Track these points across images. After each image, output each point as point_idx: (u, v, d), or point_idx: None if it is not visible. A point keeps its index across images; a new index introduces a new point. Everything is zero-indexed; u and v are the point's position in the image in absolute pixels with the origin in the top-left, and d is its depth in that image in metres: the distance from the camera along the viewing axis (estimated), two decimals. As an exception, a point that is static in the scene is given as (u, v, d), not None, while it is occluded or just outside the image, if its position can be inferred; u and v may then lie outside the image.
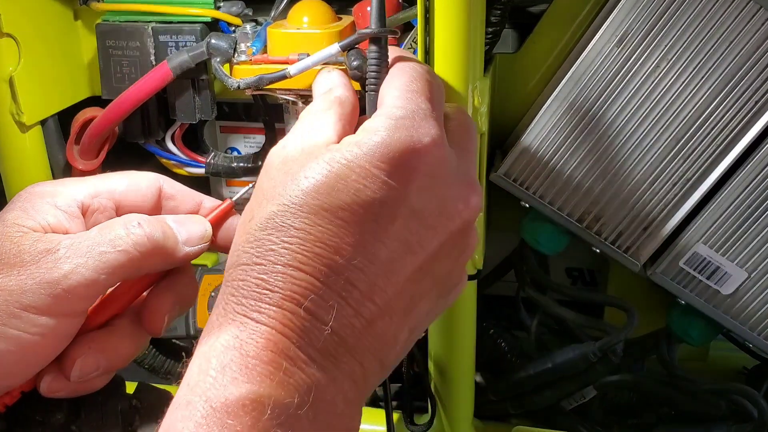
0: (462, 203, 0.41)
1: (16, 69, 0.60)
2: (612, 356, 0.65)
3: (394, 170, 0.37)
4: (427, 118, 0.39)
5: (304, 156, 0.39)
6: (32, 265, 0.40)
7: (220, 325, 0.36)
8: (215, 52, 0.60)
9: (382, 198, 0.37)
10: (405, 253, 0.38)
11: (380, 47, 0.43)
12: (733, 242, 0.60)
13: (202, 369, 0.35)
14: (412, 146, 0.38)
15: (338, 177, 0.37)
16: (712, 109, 0.58)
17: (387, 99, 0.41)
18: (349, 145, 0.38)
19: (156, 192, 0.48)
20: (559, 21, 0.64)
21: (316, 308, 0.36)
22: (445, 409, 0.67)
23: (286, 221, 0.36)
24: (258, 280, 0.36)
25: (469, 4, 0.48)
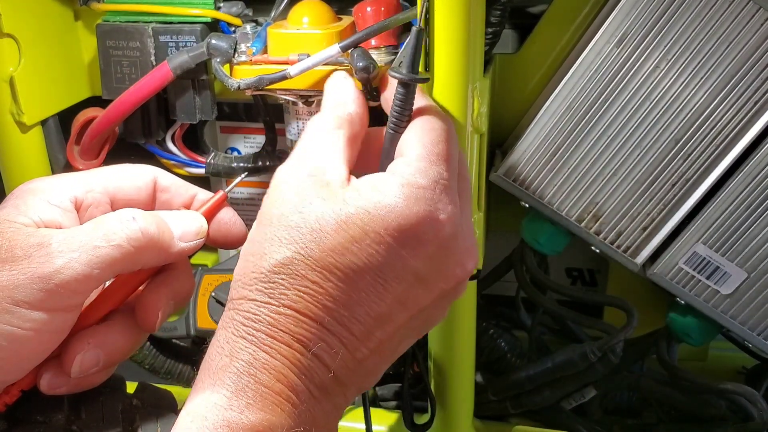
0: (460, 269, 0.43)
1: (17, 69, 0.60)
2: (612, 356, 0.65)
3: (407, 242, 0.40)
4: (446, 191, 0.41)
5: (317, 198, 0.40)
6: (24, 260, 0.40)
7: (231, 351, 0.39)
8: (215, 52, 0.60)
9: (392, 265, 0.40)
10: (401, 309, 0.41)
11: (408, 92, 0.43)
12: (732, 242, 0.60)
13: (216, 385, 0.38)
14: (429, 221, 0.40)
15: (353, 239, 0.39)
16: (711, 109, 0.58)
17: (409, 154, 0.42)
18: (365, 202, 0.39)
19: (150, 185, 0.48)
20: (558, 21, 0.64)
21: (322, 353, 0.39)
22: (445, 409, 0.67)
23: (301, 271, 0.39)
24: (271, 319, 0.39)
25: (469, 5, 0.48)
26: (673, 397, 0.71)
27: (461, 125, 0.51)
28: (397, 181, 0.40)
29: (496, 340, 0.74)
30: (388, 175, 0.41)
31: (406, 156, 0.42)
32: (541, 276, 0.70)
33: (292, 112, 0.62)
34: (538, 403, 0.71)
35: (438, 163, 0.41)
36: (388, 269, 0.40)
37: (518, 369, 0.71)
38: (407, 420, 0.67)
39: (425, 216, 0.40)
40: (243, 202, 0.75)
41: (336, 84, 0.47)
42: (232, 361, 0.38)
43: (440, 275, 0.42)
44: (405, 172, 0.41)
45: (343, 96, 0.46)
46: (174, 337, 0.71)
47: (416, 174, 0.40)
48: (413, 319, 0.42)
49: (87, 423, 0.45)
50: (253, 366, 0.38)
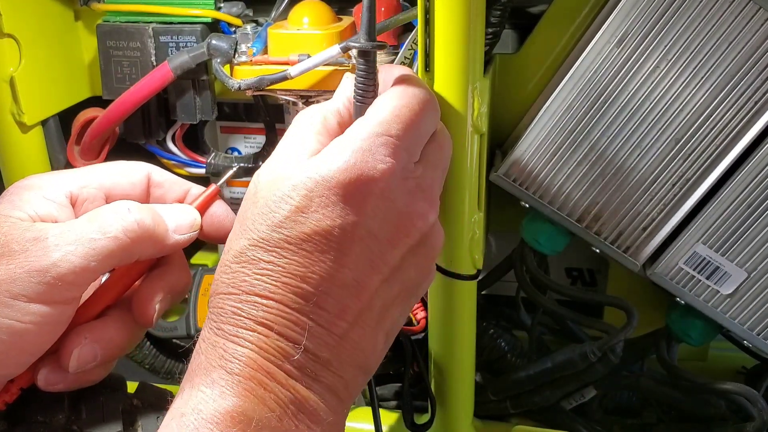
0: (420, 219, 0.43)
1: (17, 69, 0.61)
2: (612, 356, 0.65)
3: (351, 199, 0.39)
4: (386, 145, 0.41)
5: (271, 186, 0.41)
6: (21, 254, 0.40)
7: (206, 348, 0.39)
8: (216, 52, 0.60)
9: (341, 225, 0.39)
10: (369, 272, 0.41)
11: (368, 60, 0.43)
12: (732, 242, 0.60)
13: (194, 384, 0.38)
14: (366, 172, 0.40)
15: (299, 209, 0.39)
16: (711, 110, 0.58)
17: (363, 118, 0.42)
18: (309, 171, 0.40)
19: (145, 180, 0.49)
20: (558, 21, 0.64)
21: (287, 330, 0.39)
22: (445, 409, 0.67)
23: (256, 255, 0.39)
24: (234, 308, 0.39)
25: (469, 5, 0.48)
26: (673, 397, 0.71)
27: (461, 125, 0.51)
28: (339, 143, 0.40)
29: (496, 340, 0.74)
30: (337, 138, 0.41)
31: (357, 123, 0.42)
32: (541, 276, 0.70)
33: (293, 113, 0.62)
34: (538, 403, 0.71)
35: (389, 122, 0.41)
36: (339, 231, 0.39)
37: (518, 369, 0.71)
38: (407, 420, 0.67)
39: (362, 166, 0.39)
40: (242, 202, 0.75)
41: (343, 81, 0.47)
42: (206, 358, 0.39)
43: (397, 228, 0.41)
44: (349, 133, 0.41)
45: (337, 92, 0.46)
46: (174, 337, 0.71)
47: (358, 132, 0.41)
48: (389, 281, 0.42)
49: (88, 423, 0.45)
50: (223, 358, 0.38)
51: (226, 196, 0.76)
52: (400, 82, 0.44)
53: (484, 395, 0.72)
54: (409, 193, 0.42)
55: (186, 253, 0.50)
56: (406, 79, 0.44)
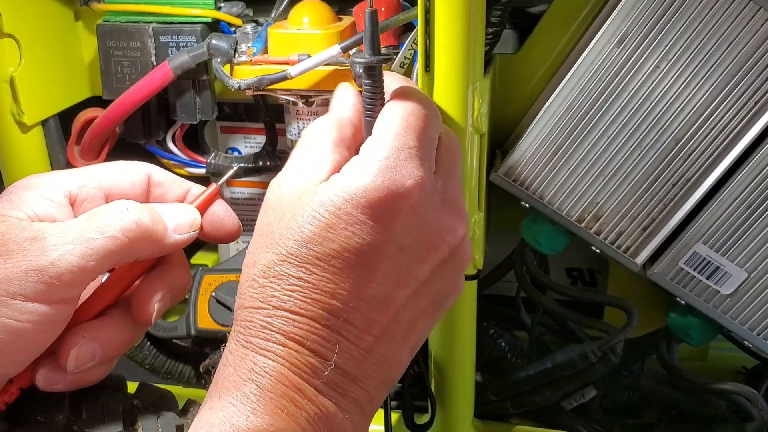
0: (449, 234, 0.43)
1: (17, 69, 0.60)
2: (612, 356, 0.65)
3: (379, 214, 0.40)
4: (411, 158, 0.41)
5: (296, 199, 0.41)
6: (18, 254, 0.40)
7: (234, 361, 0.39)
8: (216, 52, 0.60)
9: (371, 242, 0.39)
10: (397, 287, 0.41)
11: (374, 74, 0.43)
12: (733, 242, 0.60)
13: (222, 395, 0.38)
14: (395, 190, 0.40)
15: (328, 226, 0.39)
16: (712, 110, 0.58)
17: (377, 134, 0.42)
18: (335, 188, 0.40)
19: (145, 180, 0.48)
20: (559, 21, 0.64)
21: (318, 347, 0.39)
22: (445, 409, 0.67)
23: (285, 271, 0.39)
24: (263, 323, 0.39)
25: (469, 5, 0.48)
26: (673, 397, 0.71)
27: (461, 125, 0.51)
28: (362, 159, 0.40)
29: (496, 340, 0.74)
30: (356, 157, 0.41)
31: (373, 140, 0.42)
32: (541, 276, 0.70)
33: (293, 113, 0.62)
34: (538, 403, 0.71)
35: (404, 134, 0.41)
36: (369, 248, 0.39)
37: (518, 369, 0.71)
38: (407, 420, 0.67)
39: (390, 185, 0.40)
40: (243, 202, 0.75)
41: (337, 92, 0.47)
42: (235, 370, 0.39)
43: (426, 243, 0.42)
44: (369, 149, 0.41)
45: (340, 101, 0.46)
46: (174, 337, 0.71)
47: (379, 147, 0.41)
48: (417, 296, 0.42)
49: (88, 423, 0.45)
50: (254, 372, 0.38)
51: (227, 196, 0.76)
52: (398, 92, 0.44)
53: (484, 395, 0.72)
54: (436, 207, 0.42)
55: (186, 253, 0.50)
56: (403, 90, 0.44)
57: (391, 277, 0.40)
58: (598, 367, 0.66)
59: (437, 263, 0.42)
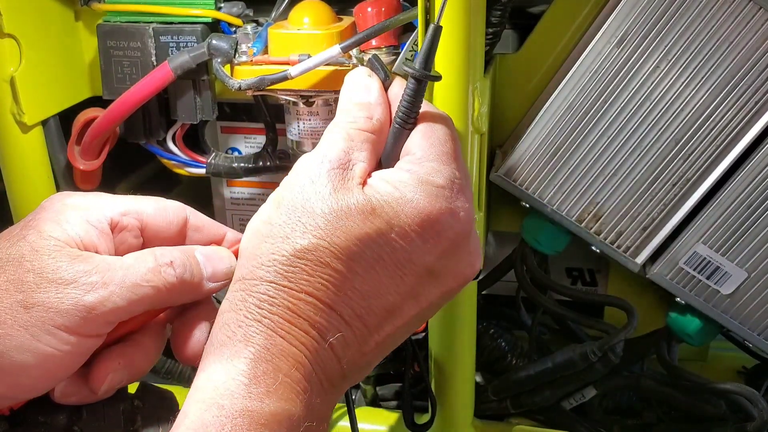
0: (470, 268, 0.44)
1: (18, 69, 0.60)
2: (612, 356, 0.65)
3: (429, 236, 0.41)
4: (462, 190, 0.42)
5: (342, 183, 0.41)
6: (69, 285, 0.41)
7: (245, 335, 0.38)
8: (216, 52, 0.60)
9: (412, 259, 0.41)
10: (413, 304, 0.42)
11: (419, 88, 0.43)
12: (733, 242, 0.60)
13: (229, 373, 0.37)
14: (449, 218, 0.41)
15: (380, 232, 0.40)
16: (712, 110, 0.58)
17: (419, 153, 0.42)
18: (390, 199, 0.40)
19: (182, 221, 0.48)
20: (559, 21, 0.64)
21: (338, 345, 0.39)
22: (445, 409, 0.67)
23: (326, 259, 0.39)
24: (290, 303, 0.39)
25: (469, 5, 0.48)
26: (673, 397, 0.71)
27: (462, 125, 0.51)
28: (414, 178, 0.41)
29: (496, 340, 0.74)
30: (403, 172, 0.42)
31: (415, 155, 0.42)
32: (541, 276, 0.70)
33: (293, 113, 0.62)
34: (538, 403, 0.71)
35: (449, 163, 0.42)
36: (408, 263, 0.40)
37: (518, 369, 0.71)
38: (407, 420, 0.67)
39: (447, 213, 0.41)
40: (243, 202, 0.75)
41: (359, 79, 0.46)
42: (246, 345, 0.38)
43: (451, 272, 0.43)
44: (420, 170, 0.41)
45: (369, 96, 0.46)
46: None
47: (432, 173, 0.41)
48: (420, 315, 0.43)
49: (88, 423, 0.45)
50: (270, 351, 0.38)
51: (226, 196, 0.76)
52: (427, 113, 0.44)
53: (485, 395, 0.73)
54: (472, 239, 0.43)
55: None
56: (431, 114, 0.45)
57: (412, 294, 0.41)
58: (598, 367, 0.66)
59: (448, 290, 0.44)
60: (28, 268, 0.41)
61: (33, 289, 0.40)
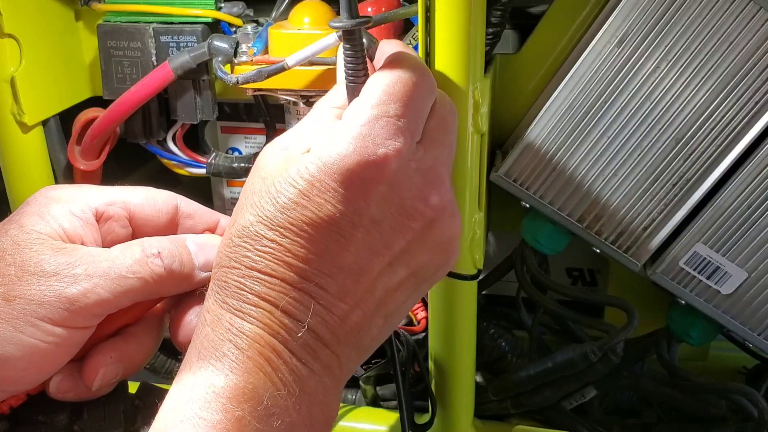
0: (422, 203, 0.42)
1: (18, 69, 0.61)
2: (612, 356, 0.65)
3: (352, 185, 0.40)
4: (388, 126, 0.40)
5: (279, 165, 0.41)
6: (52, 277, 0.41)
7: (212, 320, 0.40)
8: (216, 52, 0.60)
9: (342, 211, 0.40)
10: (371, 256, 0.41)
11: (353, 39, 0.42)
12: (733, 242, 0.60)
13: (201, 355, 0.39)
14: (368, 159, 0.40)
15: (302, 194, 0.39)
16: (712, 110, 0.58)
17: (358, 101, 0.42)
18: (312, 156, 0.40)
19: (171, 210, 0.48)
20: (559, 21, 0.64)
21: (291, 308, 0.39)
22: (445, 409, 0.67)
23: (260, 232, 0.40)
24: (237, 283, 0.39)
25: (469, 5, 0.48)
26: (673, 397, 0.71)
27: (462, 125, 0.51)
28: (339, 127, 0.40)
29: (496, 340, 0.74)
30: (335, 124, 0.41)
31: (353, 106, 0.42)
32: (541, 276, 0.70)
33: (293, 113, 0.62)
34: (538, 403, 0.71)
35: (386, 102, 0.41)
36: (341, 217, 0.40)
37: (518, 369, 0.71)
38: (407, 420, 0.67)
39: (364, 155, 0.39)
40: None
41: None
42: (213, 330, 0.39)
43: (400, 214, 0.41)
44: (347, 117, 0.41)
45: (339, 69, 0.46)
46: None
47: (356, 116, 0.40)
48: (393, 265, 0.42)
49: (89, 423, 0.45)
50: (230, 332, 0.39)
51: (227, 196, 0.76)
52: (391, 58, 0.43)
53: (485, 395, 0.73)
54: (410, 176, 0.42)
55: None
56: (396, 55, 0.44)
57: (364, 246, 0.40)
58: (599, 367, 0.66)
59: (413, 234, 0.42)
60: (9, 262, 0.41)
61: (14, 282, 0.41)
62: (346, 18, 0.41)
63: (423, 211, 0.42)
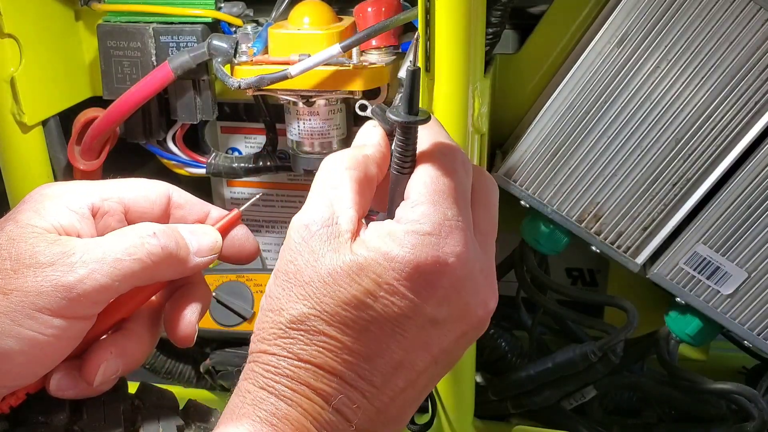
0: (482, 308, 0.43)
1: (18, 69, 0.60)
2: (612, 356, 0.65)
3: (420, 289, 0.39)
4: (453, 232, 0.40)
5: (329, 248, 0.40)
6: (48, 267, 0.41)
7: (253, 401, 0.39)
8: (216, 52, 0.60)
9: (407, 314, 0.39)
10: (422, 354, 0.41)
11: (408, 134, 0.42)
12: (733, 242, 0.60)
13: None
14: (438, 266, 0.39)
15: (367, 292, 0.39)
16: (712, 110, 0.58)
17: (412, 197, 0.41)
18: (377, 255, 0.39)
19: (165, 200, 0.48)
20: (559, 22, 0.64)
21: (343, 407, 0.39)
22: (446, 409, 0.67)
23: (318, 327, 0.39)
24: (291, 372, 0.39)
25: (469, 5, 0.48)
26: (673, 397, 0.71)
27: (462, 125, 0.51)
28: (402, 229, 0.40)
29: (496, 340, 0.74)
30: (394, 223, 0.41)
31: (409, 199, 0.41)
32: (541, 276, 0.70)
33: (293, 113, 0.62)
34: (538, 403, 0.71)
35: (442, 203, 0.40)
36: (404, 318, 0.39)
37: (518, 369, 0.71)
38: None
39: (433, 262, 0.39)
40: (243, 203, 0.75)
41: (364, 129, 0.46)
42: (254, 410, 0.39)
43: (459, 317, 0.42)
44: (409, 218, 0.40)
45: (363, 139, 0.45)
46: (175, 337, 0.71)
47: (420, 219, 0.40)
48: (437, 362, 0.42)
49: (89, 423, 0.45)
50: (275, 416, 0.38)
51: (226, 196, 0.76)
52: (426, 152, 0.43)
53: (485, 395, 0.73)
54: (475, 280, 0.42)
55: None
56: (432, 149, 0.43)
57: (418, 345, 0.40)
58: (599, 367, 0.66)
59: (462, 333, 0.42)
60: (5, 256, 0.41)
61: (10, 276, 0.40)
62: (405, 112, 0.41)
63: (481, 316, 0.43)
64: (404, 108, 0.41)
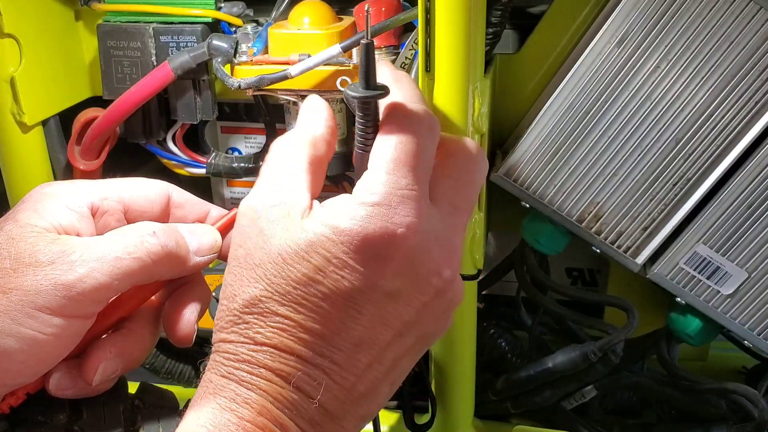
0: (436, 278, 0.42)
1: (18, 69, 0.61)
2: (612, 356, 0.65)
3: (369, 262, 0.39)
4: (404, 201, 0.40)
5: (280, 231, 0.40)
6: (47, 266, 0.41)
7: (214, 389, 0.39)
8: (216, 52, 0.60)
9: (359, 287, 0.39)
10: (382, 328, 0.40)
11: (368, 109, 0.41)
12: (733, 242, 0.60)
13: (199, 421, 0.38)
14: (387, 237, 0.39)
15: (317, 269, 0.38)
16: (712, 110, 0.58)
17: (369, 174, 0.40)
18: (325, 230, 0.39)
19: (164, 200, 0.48)
20: (559, 21, 0.64)
21: (304, 384, 0.39)
22: (445, 409, 0.67)
23: (272, 308, 0.39)
24: (247, 356, 0.39)
25: (469, 5, 0.48)
26: (673, 397, 0.71)
27: (462, 126, 0.51)
28: (353, 201, 0.39)
29: (496, 340, 0.74)
30: (347, 196, 0.40)
31: (364, 178, 0.41)
32: (541, 276, 0.70)
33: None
34: (538, 403, 0.71)
35: (395, 171, 0.40)
36: (357, 293, 0.39)
37: (518, 369, 0.71)
38: (407, 420, 0.67)
39: (382, 234, 0.39)
40: (243, 202, 0.75)
41: (307, 105, 0.46)
42: (215, 398, 0.39)
43: (414, 287, 0.41)
44: (360, 189, 0.40)
45: (311, 117, 0.45)
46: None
47: (371, 189, 0.39)
48: (402, 335, 0.41)
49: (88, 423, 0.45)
50: (234, 401, 0.38)
51: (226, 196, 0.76)
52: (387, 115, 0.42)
53: (485, 395, 0.73)
54: (429, 250, 0.41)
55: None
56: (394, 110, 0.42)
57: (377, 319, 0.40)
58: (599, 367, 0.66)
59: (423, 305, 0.42)
60: (4, 256, 0.41)
61: (10, 274, 0.41)
62: (363, 87, 0.41)
63: (436, 285, 0.42)
64: (362, 83, 0.41)
